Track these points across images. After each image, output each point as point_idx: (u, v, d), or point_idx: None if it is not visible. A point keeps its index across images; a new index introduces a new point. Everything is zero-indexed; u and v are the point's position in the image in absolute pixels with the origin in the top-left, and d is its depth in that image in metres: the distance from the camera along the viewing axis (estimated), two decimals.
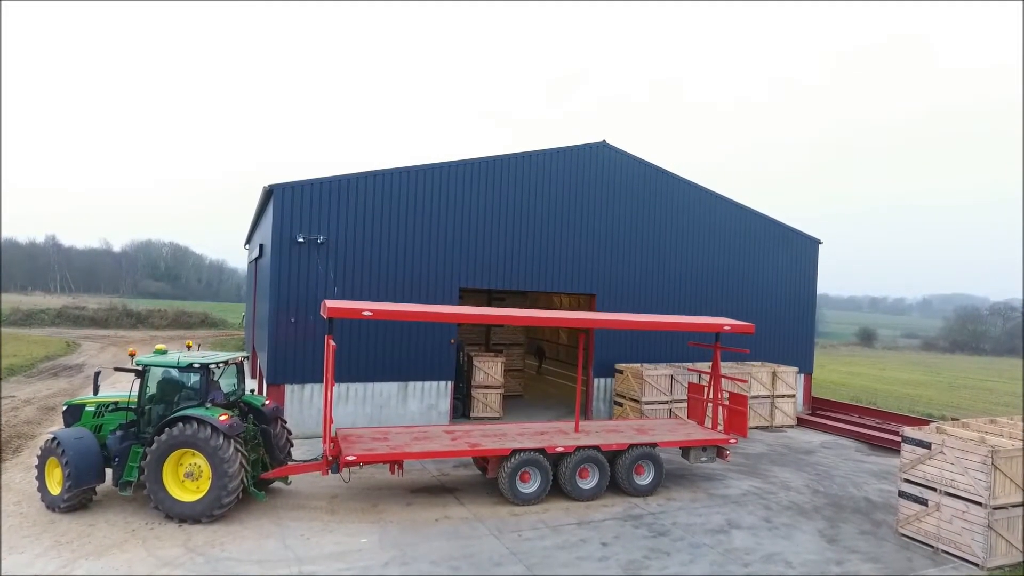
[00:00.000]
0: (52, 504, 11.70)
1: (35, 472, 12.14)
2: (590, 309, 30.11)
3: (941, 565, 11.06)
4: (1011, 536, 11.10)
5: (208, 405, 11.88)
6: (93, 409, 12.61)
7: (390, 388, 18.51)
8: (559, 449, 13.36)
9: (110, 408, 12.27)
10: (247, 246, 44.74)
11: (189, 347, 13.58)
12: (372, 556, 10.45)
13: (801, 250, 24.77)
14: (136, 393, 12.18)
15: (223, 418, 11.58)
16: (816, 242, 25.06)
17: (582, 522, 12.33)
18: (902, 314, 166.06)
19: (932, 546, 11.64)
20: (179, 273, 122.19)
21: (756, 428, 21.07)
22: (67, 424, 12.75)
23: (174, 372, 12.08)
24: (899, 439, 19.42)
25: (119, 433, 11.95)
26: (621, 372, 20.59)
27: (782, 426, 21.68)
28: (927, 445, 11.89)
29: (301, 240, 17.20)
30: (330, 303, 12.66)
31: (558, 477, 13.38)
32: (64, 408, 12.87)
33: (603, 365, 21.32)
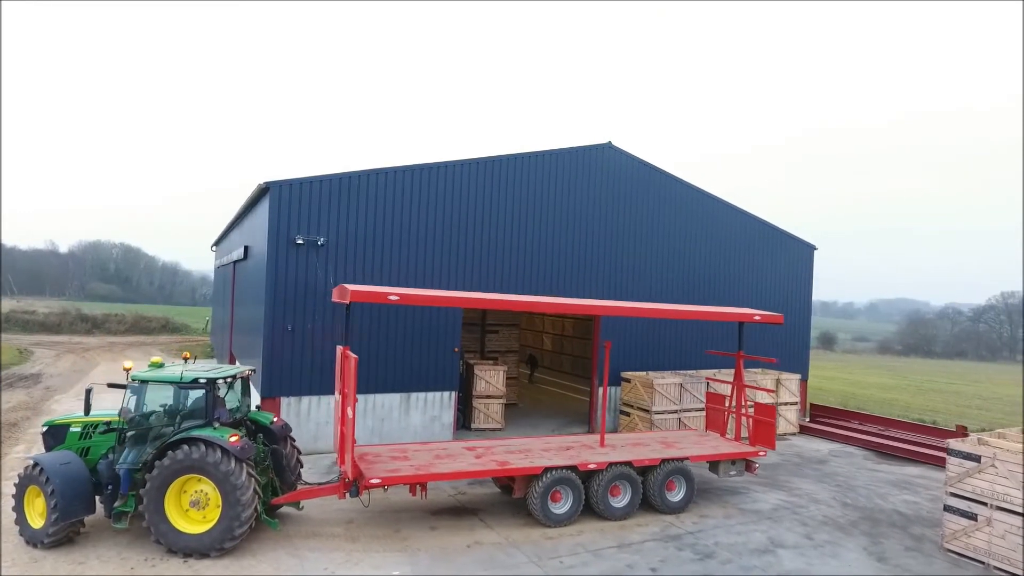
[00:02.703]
0: (33, 539, 10.32)
1: (11, 503, 10.73)
2: (590, 325, 29.63)
3: None
4: None
5: (216, 425, 10.67)
6: (79, 430, 11.22)
7: (392, 400, 17.43)
8: (591, 466, 12.58)
9: (100, 429, 10.91)
10: (214, 248, 42.79)
11: (186, 359, 12.30)
12: None
13: (797, 255, 24.67)
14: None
15: (233, 439, 10.40)
16: (811, 247, 25.01)
17: (622, 545, 11.58)
18: (851, 318, 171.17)
19: (983, 562, 11.29)
20: (129, 275, 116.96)
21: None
22: (48, 447, 11.33)
23: (176, 388, 10.82)
24: (907, 447, 19.44)
25: (111, 457, 10.64)
26: (628, 381, 19.96)
27: (786, 434, 21.39)
28: (976, 458, 11.55)
29: (300, 242, 16.00)
30: (351, 287, 11.55)
31: (589, 495, 12.59)
32: (44, 429, 11.43)
33: (609, 373, 20.64)
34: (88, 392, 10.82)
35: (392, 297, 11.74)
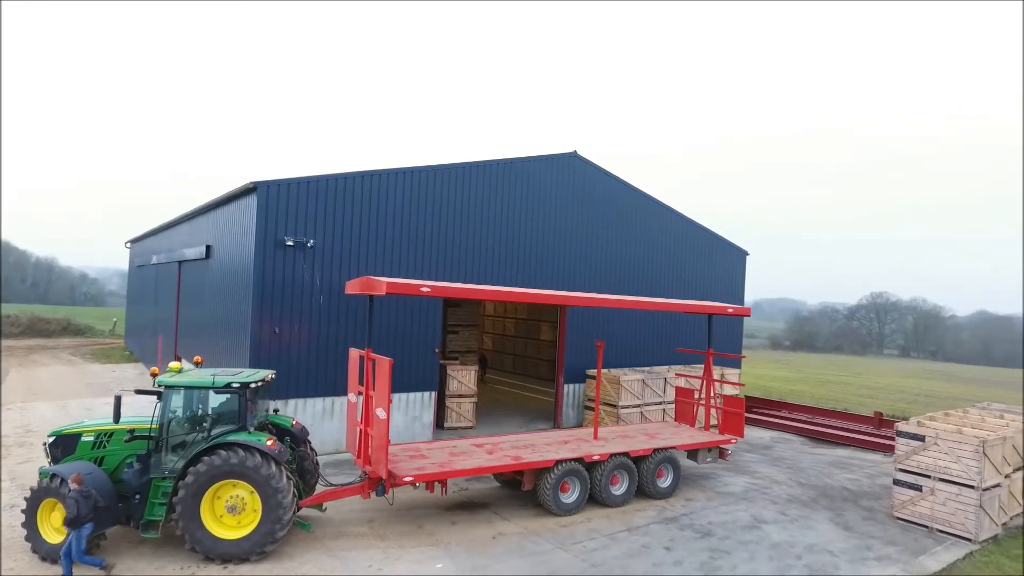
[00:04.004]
0: (50, 554, 9.89)
1: (21, 518, 10.17)
2: (531, 326, 30.73)
3: (942, 543, 12.64)
4: (993, 513, 12.98)
5: (251, 429, 10.62)
6: (92, 439, 10.78)
7: None
8: (595, 457, 13.51)
9: (124, 437, 10.52)
10: (129, 244, 40.08)
11: (199, 363, 12.01)
12: None
13: (733, 259, 26.88)
14: (158, 419, 10.58)
15: (269, 443, 10.44)
16: (744, 253, 27.32)
17: (630, 528, 12.59)
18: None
19: (927, 527, 13.26)
20: None
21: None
22: (55, 459, 10.79)
23: (208, 393, 10.65)
24: (834, 432, 21.87)
25: (137, 466, 10.33)
26: (593, 378, 21.10)
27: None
28: (921, 438, 13.54)
29: (290, 243, 15.82)
30: (386, 280, 11.77)
31: (592, 485, 13.52)
32: (50, 440, 10.87)
33: (572, 371, 21.71)
34: (118, 399, 10.42)
35: (424, 289, 12.11)
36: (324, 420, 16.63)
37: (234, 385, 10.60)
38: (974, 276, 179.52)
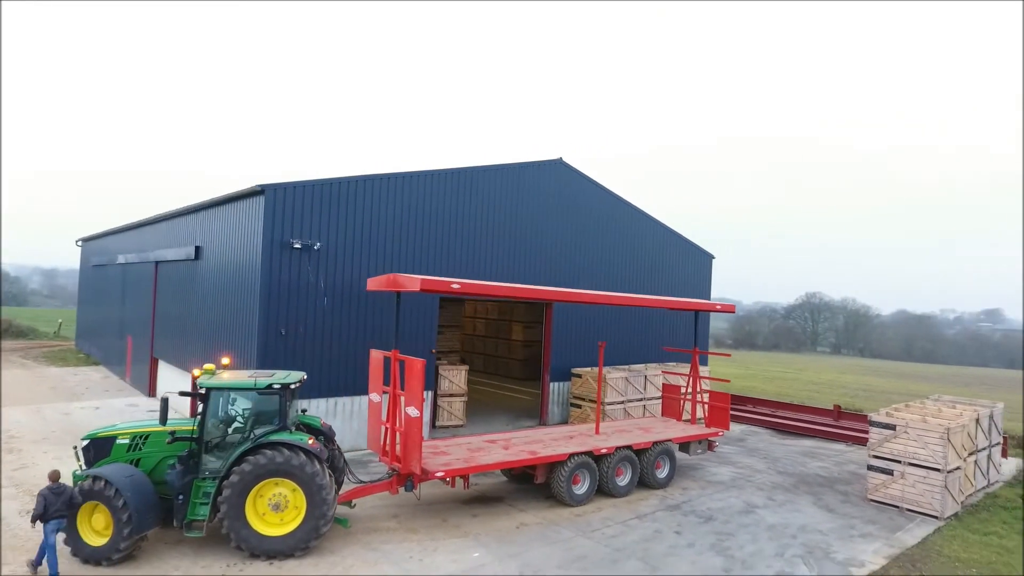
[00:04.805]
0: (95, 557, 9.94)
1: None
2: (502, 325, 31.51)
3: (913, 520, 14.08)
4: (955, 492, 14.54)
5: (292, 429, 10.92)
6: (127, 442, 10.83)
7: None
8: (603, 450, 14.34)
9: (169, 439, 10.62)
10: (80, 243, 38.55)
11: (226, 365, 12.14)
12: (500, 568, 10.60)
13: (700, 262, 28.30)
14: (198, 421, 10.74)
15: (311, 442, 10.78)
16: (710, 256, 28.81)
17: (640, 516, 13.48)
18: None
19: (898, 507, 14.71)
20: None
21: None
22: (88, 462, 10.79)
23: (252, 395, 10.88)
24: (798, 424, 23.48)
25: (179, 468, 10.47)
26: (579, 376, 21.99)
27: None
28: (892, 427, 14.99)
29: (298, 246, 16.00)
30: (420, 277, 12.22)
31: (600, 476, 14.35)
32: (84, 443, 10.86)
33: (557, 370, 22.53)
34: (165, 401, 10.49)
35: (454, 286, 12.62)
36: (329, 420, 16.82)
37: (275, 386, 10.87)
38: (896, 277, 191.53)
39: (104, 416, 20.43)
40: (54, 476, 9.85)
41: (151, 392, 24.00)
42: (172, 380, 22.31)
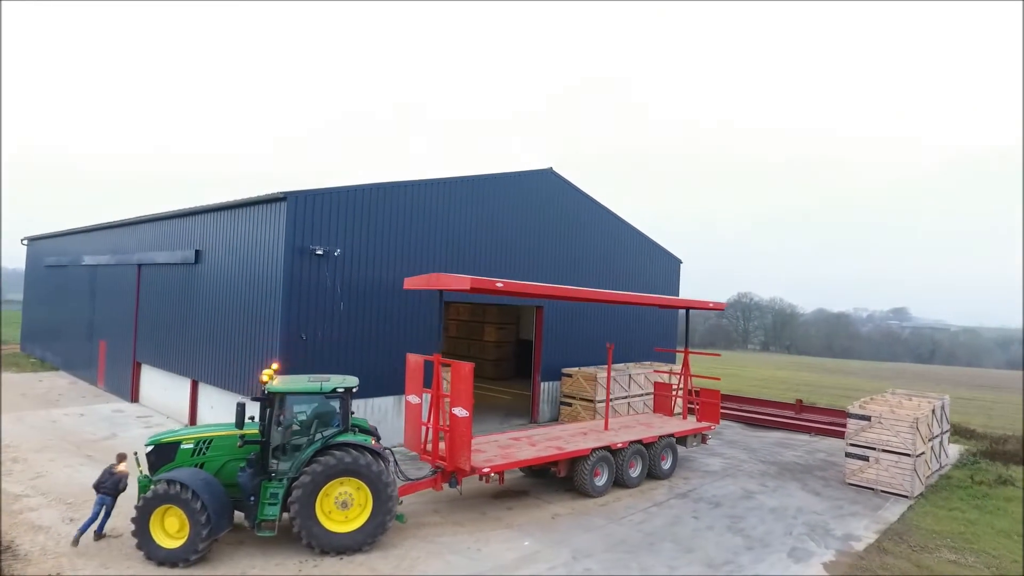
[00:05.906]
0: (170, 559, 10.21)
1: (131, 526, 10.35)
2: (474, 327, 32.34)
3: (888, 500, 15.91)
4: (922, 474, 16.50)
5: (355, 431, 11.45)
6: (191, 447, 11.09)
7: (386, 402, 18.38)
8: (619, 445, 15.47)
9: (240, 443, 10.95)
10: (26, 242, 36.68)
11: (277, 369, 12.46)
12: (555, 553, 11.51)
13: (668, 265, 30.00)
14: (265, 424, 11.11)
15: (374, 443, 11.37)
16: (678, 260, 30.57)
17: (657, 504, 14.68)
18: None
19: (873, 489, 16.54)
20: None
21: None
22: (154, 467, 10.99)
23: (317, 399, 11.33)
24: (764, 418, 25.44)
25: (249, 470, 10.84)
26: (570, 376, 23.09)
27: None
28: (867, 418, 16.82)
29: (320, 252, 16.34)
30: (470, 276, 12.89)
31: (616, 469, 15.47)
32: (149, 448, 11.04)
33: (547, 370, 23.57)
34: (241, 406, 10.78)
35: (498, 284, 13.38)
36: None
37: (339, 390, 11.38)
38: (814, 276, 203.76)
39: (93, 423, 19.98)
40: (120, 458, 11.48)
41: (133, 398, 23.44)
42: (161, 385, 21.97)
